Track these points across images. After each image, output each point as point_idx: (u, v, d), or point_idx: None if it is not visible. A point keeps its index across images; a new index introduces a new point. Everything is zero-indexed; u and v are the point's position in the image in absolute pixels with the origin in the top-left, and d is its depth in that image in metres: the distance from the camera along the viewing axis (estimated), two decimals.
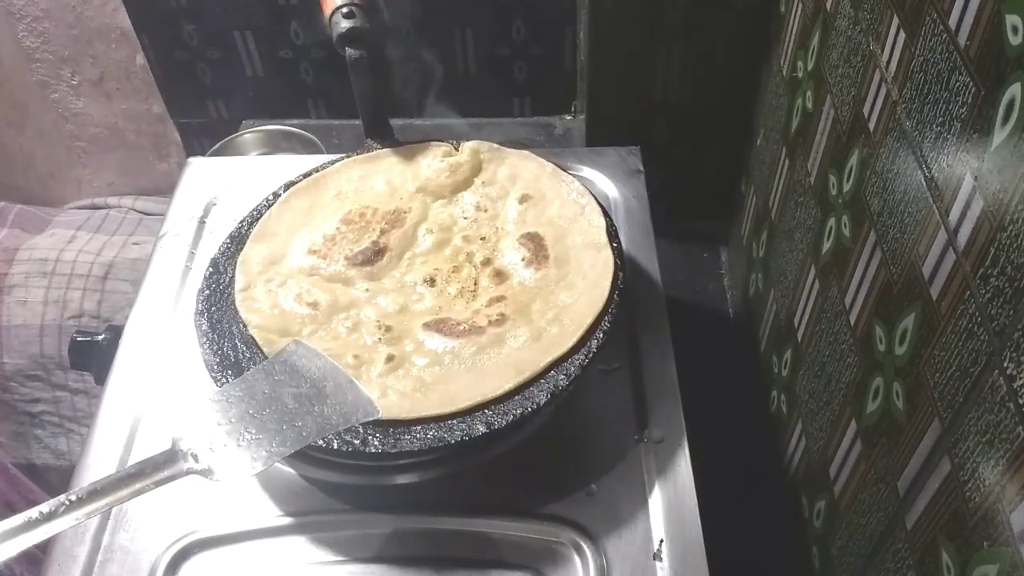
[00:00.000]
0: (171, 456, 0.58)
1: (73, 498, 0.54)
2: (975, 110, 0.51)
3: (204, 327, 0.77)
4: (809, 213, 0.84)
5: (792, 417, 0.90)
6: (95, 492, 0.55)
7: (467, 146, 0.91)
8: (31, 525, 0.52)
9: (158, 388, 0.80)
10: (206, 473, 0.58)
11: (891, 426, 0.64)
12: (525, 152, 0.91)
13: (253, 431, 0.60)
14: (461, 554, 0.70)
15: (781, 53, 0.97)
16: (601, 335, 0.74)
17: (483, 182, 0.89)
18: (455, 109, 1.36)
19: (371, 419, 0.63)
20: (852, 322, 0.72)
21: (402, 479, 0.73)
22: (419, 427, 0.69)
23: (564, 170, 0.89)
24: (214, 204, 0.96)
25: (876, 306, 0.67)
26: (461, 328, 0.76)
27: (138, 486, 0.56)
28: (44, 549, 0.71)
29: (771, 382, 0.98)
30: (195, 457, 0.58)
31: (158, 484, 0.57)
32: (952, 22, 0.54)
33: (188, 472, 0.58)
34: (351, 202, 0.88)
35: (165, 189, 1.54)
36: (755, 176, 1.09)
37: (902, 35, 0.62)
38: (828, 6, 0.80)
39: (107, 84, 1.51)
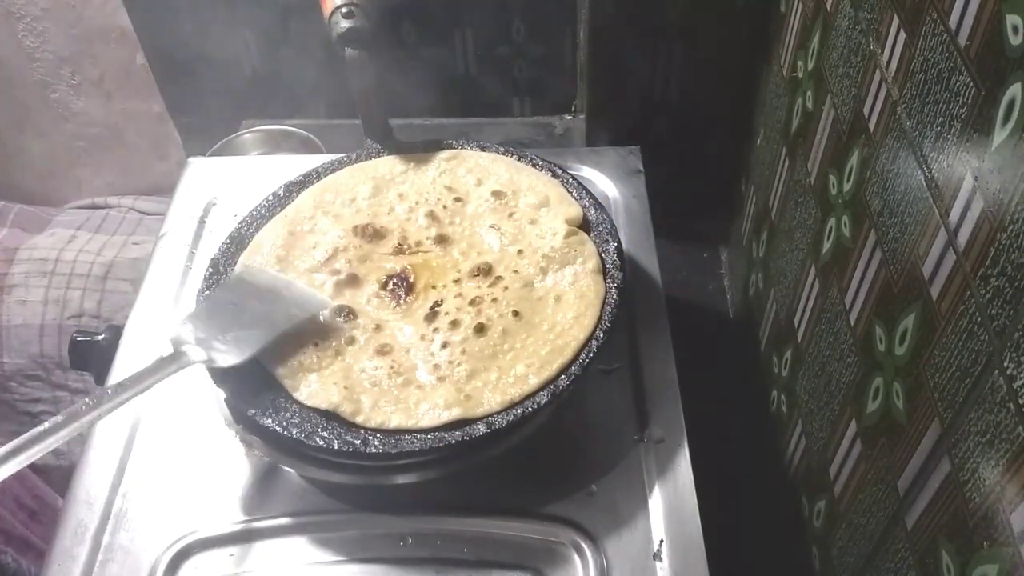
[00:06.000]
0: (176, 354, 0.69)
1: (109, 391, 0.64)
2: (975, 110, 0.51)
3: None
4: (809, 213, 0.84)
5: (792, 417, 0.90)
6: (120, 387, 0.65)
7: None
8: (60, 425, 0.60)
9: (158, 388, 0.80)
10: (208, 363, 0.69)
11: (891, 426, 0.64)
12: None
13: (235, 329, 0.72)
14: (461, 554, 0.70)
15: (781, 53, 0.97)
16: (601, 335, 0.74)
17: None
18: (455, 109, 1.37)
19: (326, 310, 0.75)
20: (852, 322, 0.72)
21: (402, 479, 0.72)
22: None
23: (564, 170, 0.89)
24: (214, 204, 0.96)
25: (876, 306, 0.67)
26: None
27: (155, 379, 0.67)
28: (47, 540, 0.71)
29: (771, 382, 0.98)
30: (194, 352, 0.69)
31: (169, 375, 0.67)
32: (952, 22, 0.54)
33: (192, 363, 0.68)
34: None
35: (165, 189, 1.54)
36: (755, 176, 1.09)
37: (902, 35, 0.62)
38: (828, 6, 0.80)
39: (107, 84, 1.51)
